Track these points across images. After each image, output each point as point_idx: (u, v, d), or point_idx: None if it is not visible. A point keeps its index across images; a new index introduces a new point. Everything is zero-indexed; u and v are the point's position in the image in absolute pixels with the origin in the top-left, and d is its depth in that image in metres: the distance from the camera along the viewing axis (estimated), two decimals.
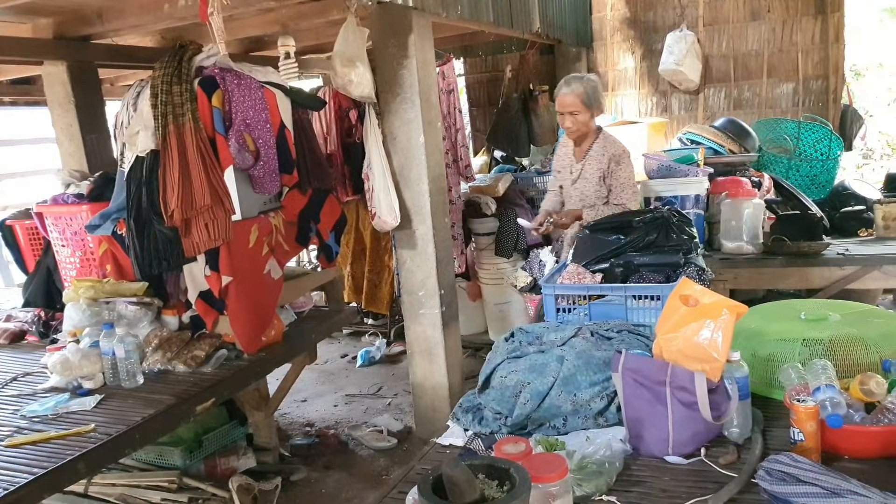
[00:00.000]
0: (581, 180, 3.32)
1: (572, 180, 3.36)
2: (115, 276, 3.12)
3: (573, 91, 3.17)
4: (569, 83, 3.20)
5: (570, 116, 3.19)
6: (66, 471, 2.12)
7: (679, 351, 1.74)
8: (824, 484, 1.33)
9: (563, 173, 3.45)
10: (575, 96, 3.16)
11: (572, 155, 3.38)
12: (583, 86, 3.17)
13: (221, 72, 2.81)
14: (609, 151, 3.26)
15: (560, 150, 3.49)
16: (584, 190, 3.32)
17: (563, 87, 3.21)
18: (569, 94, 3.18)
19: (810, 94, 5.65)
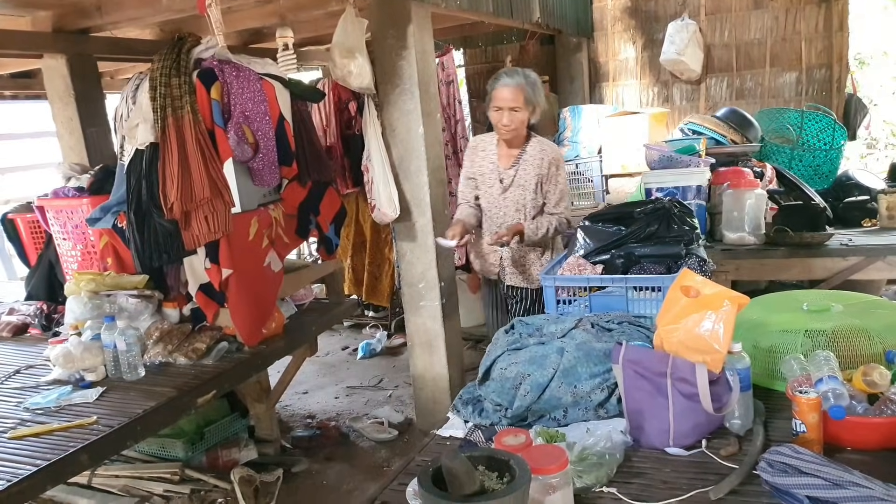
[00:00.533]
0: (515, 188, 2.94)
1: (502, 188, 2.96)
2: (116, 269, 3.12)
3: (516, 84, 2.82)
4: (510, 75, 2.86)
5: (510, 113, 2.82)
6: (69, 462, 2.13)
7: (680, 342, 1.73)
8: (826, 475, 1.33)
9: (484, 180, 3.01)
10: (518, 90, 2.81)
11: (496, 159, 2.98)
12: (525, 80, 2.84)
13: (220, 64, 2.80)
14: (549, 154, 2.93)
15: (474, 154, 3.05)
16: (521, 199, 2.95)
17: (503, 79, 2.85)
18: (511, 87, 2.81)
19: (814, 84, 5.62)
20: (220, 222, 2.72)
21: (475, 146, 3.06)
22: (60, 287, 3.39)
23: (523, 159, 2.92)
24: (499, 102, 2.83)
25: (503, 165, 2.96)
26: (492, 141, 3.00)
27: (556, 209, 2.97)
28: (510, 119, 2.82)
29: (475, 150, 3.04)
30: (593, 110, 5.27)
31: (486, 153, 3.01)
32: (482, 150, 3.02)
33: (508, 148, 2.95)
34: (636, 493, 1.51)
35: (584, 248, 2.68)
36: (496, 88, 2.84)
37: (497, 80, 2.86)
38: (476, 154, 3.04)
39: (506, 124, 2.84)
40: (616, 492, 1.52)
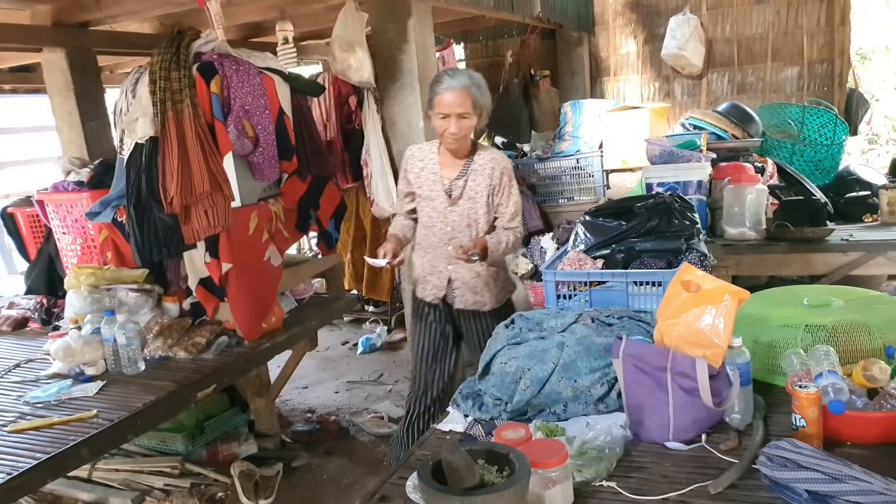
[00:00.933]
0: (465, 200, 2.63)
1: (451, 200, 2.64)
2: (116, 263, 3.12)
3: (462, 87, 2.47)
4: (455, 76, 2.50)
5: (458, 120, 2.48)
6: (69, 456, 2.14)
7: (680, 337, 1.73)
8: (826, 469, 1.33)
9: (426, 193, 2.67)
10: (464, 94, 2.46)
11: (438, 170, 2.66)
12: (471, 81, 2.50)
13: (220, 58, 2.79)
14: (500, 164, 2.64)
15: (413, 163, 2.71)
16: (471, 212, 2.64)
17: (446, 81, 2.49)
18: (457, 90, 2.46)
19: (815, 78, 5.60)
20: (220, 216, 2.72)
21: (412, 156, 2.71)
22: (60, 281, 3.38)
23: (472, 169, 2.62)
24: (444, 108, 2.48)
25: (448, 176, 2.63)
26: (432, 150, 2.68)
27: (512, 224, 2.67)
28: (458, 127, 2.49)
29: (412, 160, 2.70)
30: (594, 105, 5.25)
31: (425, 163, 2.67)
32: (420, 159, 2.69)
33: (454, 157, 2.64)
34: (636, 488, 1.51)
35: (585, 243, 2.68)
36: (440, 93, 2.48)
37: (439, 83, 2.51)
38: (413, 164, 2.70)
39: (454, 133, 2.49)
40: (616, 486, 1.52)
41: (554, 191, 5.16)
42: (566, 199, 5.10)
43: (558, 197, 5.14)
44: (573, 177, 5.09)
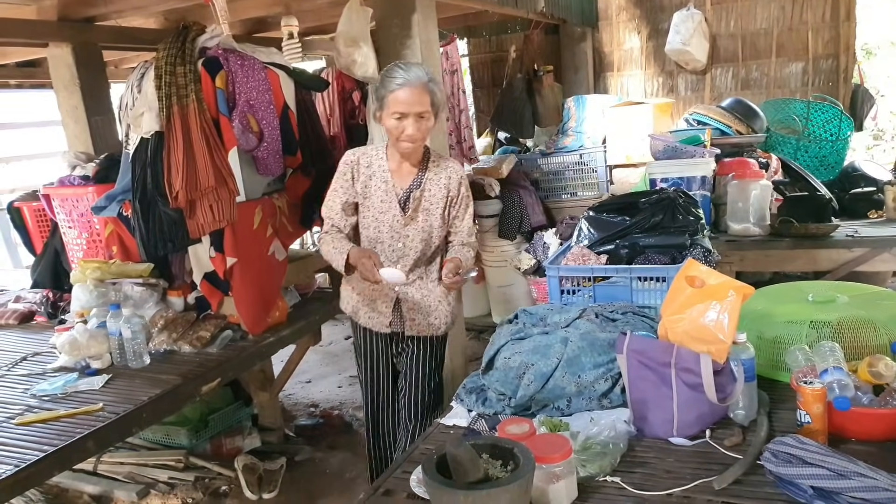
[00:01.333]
0: (423, 213, 2.31)
1: (406, 214, 2.30)
2: (121, 257, 3.13)
3: (422, 83, 2.14)
4: (410, 70, 2.16)
5: (416, 121, 2.16)
6: (75, 448, 2.16)
7: (685, 332, 1.73)
8: (831, 466, 1.33)
9: (374, 205, 2.32)
10: (423, 90, 2.14)
11: (389, 178, 2.31)
12: (430, 77, 2.18)
13: (225, 52, 2.79)
14: (458, 173, 2.36)
15: (354, 171, 2.33)
16: (428, 226, 2.32)
17: (399, 75, 2.14)
18: (415, 87, 2.13)
19: (820, 74, 5.57)
20: (225, 211, 2.73)
21: (356, 162, 2.32)
22: (66, 275, 3.40)
23: (428, 178, 2.31)
24: (400, 107, 2.13)
25: (402, 186, 2.31)
26: (379, 155, 2.33)
27: (471, 239, 2.42)
28: (417, 128, 2.16)
29: (357, 166, 2.32)
30: (598, 100, 5.24)
31: (372, 171, 2.31)
32: (367, 166, 2.32)
33: (406, 164, 2.31)
34: (640, 483, 1.52)
35: (589, 239, 2.68)
36: (394, 89, 2.13)
37: (392, 78, 2.15)
38: (358, 172, 2.32)
39: (411, 135, 2.16)
40: (619, 481, 1.52)
41: (557, 186, 5.16)
42: (569, 195, 5.10)
43: (561, 192, 5.14)
44: (576, 172, 5.09)
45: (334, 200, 2.35)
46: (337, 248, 2.28)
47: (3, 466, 1.98)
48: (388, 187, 2.30)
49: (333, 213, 2.36)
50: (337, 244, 2.29)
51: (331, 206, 2.36)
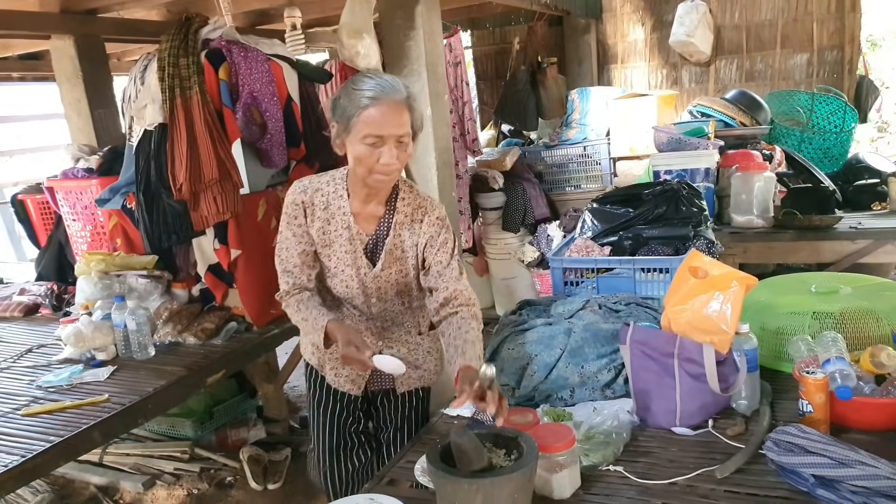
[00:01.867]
0: (394, 262, 1.83)
1: (373, 265, 1.82)
2: (126, 249, 3.14)
3: (402, 98, 1.66)
4: (383, 81, 1.66)
5: (396, 146, 1.66)
6: (81, 439, 2.17)
7: (688, 323, 1.74)
8: (833, 454, 1.33)
9: (336, 253, 1.82)
10: (404, 107, 1.66)
11: (351, 221, 1.79)
12: (409, 91, 1.69)
13: (228, 44, 2.79)
14: (435, 210, 1.84)
15: (308, 210, 1.80)
16: (402, 276, 1.85)
17: (375, 89, 1.63)
18: (396, 103, 1.64)
19: (825, 65, 5.55)
20: (229, 203, 2.73)
21: (307, 203, 1.79)
22: (70, 267, 3.41)
23: (398, 222, 1.81)
24: (375, 128, 1.63)
25: (366, 229, 1.80)
26: (337, 190, 1.79)
27: (460, 286, 1.83)
28: (395, 156, 1.66)
29: (309, 207, 1.79)
30: (602, 92, 5.23)
31: (331, 212, 1.79)
32: (323, 207, 1.79)
33: (371, 201, 1.79)
34: (643, 472, 1.52)
35: (592, 230, 2.68)
36: (365, 106, 1.62)
37: (361, 92, 1.64)
38: (313, 214, 1.79)
39: (388, 164, 1.66)
40: (622, 470, 1.53)
41: (561, 178, 5.16)
42: (573, 187, 5.10)
43: (565, 185, 5.14)
44: (580, 164, 5.09)
45: (289, 252, 1.80)
46: (309, 320, 1.77)
47: (10, 457, 2.00)
48: (352, 234, 1.79)
49: (291, 266, 1.81)
50: (306, 313, 1.78)
51: (285, 259, 1.81)
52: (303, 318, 1.80)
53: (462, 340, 1.71)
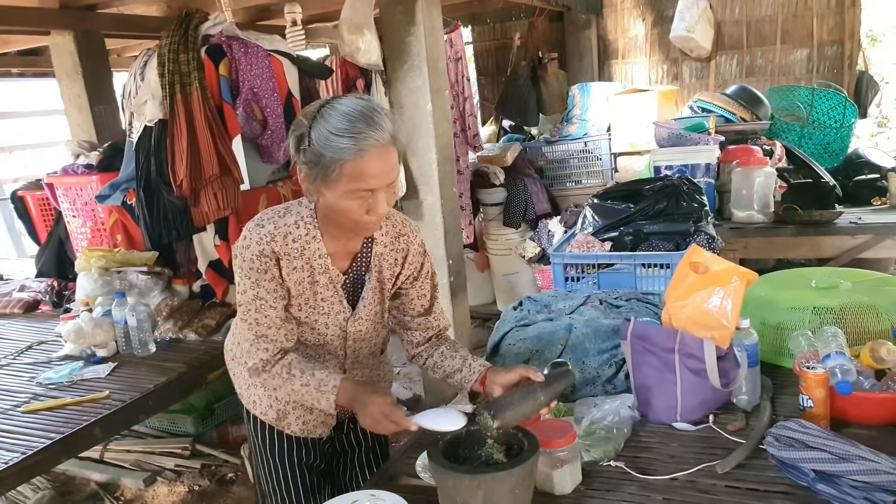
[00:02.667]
0: (371, 303, 1.64)
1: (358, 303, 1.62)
2: (126, 245, 3.14)
3: (390, 137, 1.40)
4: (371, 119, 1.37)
5: (386, 192, 1.44)
6: (82, 435, 2.17)
7: (688, 318, 1.74)
8: (833, 449, 1.34)
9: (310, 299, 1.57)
10: (391, 147, 1.41)
11: (329, 262, 1.54)
12: (392, 122, 1.41)
13: (228, 40, 2.79)
14: (414, 239, 1.66)
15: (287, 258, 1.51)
16: (377, 316, 1.68)
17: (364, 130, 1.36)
18: (384, 146, 1.39)
19: (825, 61, 5.54)
20: (230, 199, 2.73)
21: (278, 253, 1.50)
22: (70, 264, 3.41)
23: (377, 253, 1.61)
24: (366, 182, 1.39)
25: (342, 267, 1.58)
26: (311, 235, 1.52)
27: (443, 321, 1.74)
28: (389, 200, 1.46)
29: (283, 256, 1.50)
30: (602, 88, 5.23)
31: (306, 255, 1.52)
32: (297, 255, 1.51)
33: (346, 239, 1.56)
34: (643, 467, 1.52)
35: (593, 226, 2.68)
36: (354, 157, 1.36)
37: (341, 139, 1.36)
38: (290, 261, 1.51)
39: (383, 213, 1.46)
40: (624, 465, 1.53)
41: (562, 174, 5.16)
42: (574, 183, 5.10)
43: (566, 180, 5.14)
44: (581, 160, 5.09)
45: (265, 314, 1.51)
46: (310, 384, 1.51)
47: (11, 454, 2.00)
48: (332, 277, 1.56)
49: (269, 331, 1.52)
50: (304, 378, 1.52)
51: (261, 323, 1.51)
52: (302, 383, 1.51)
53: (461, 358, 1.65)
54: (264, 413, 1.71)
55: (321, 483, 1.81)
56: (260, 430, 1.74)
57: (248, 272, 1.49)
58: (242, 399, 1.77)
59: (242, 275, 1.50)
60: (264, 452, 1.76)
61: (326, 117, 1.39)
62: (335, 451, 1.85)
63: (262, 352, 1.53)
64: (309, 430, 1.72)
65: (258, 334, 1.52)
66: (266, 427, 1.72)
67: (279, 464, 1.74)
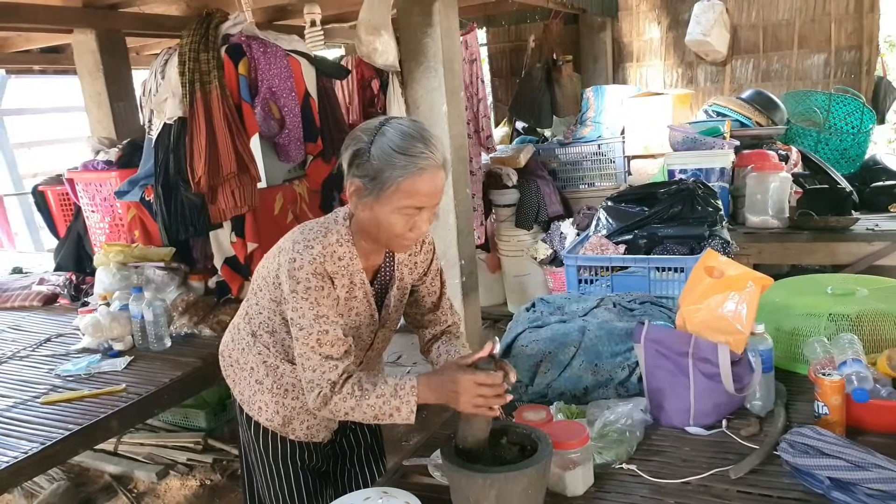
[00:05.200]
0: (394, 310, 1.71)
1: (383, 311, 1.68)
2: (143, 241, 3.18)
3: (442, 160, 1.46)
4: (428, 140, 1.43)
5: (430, 212, 1.48)
6: (99, 427, 2.20)
7: (703, 322, 1.74)
8: (848, 457, 1.33)
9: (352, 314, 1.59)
10: (443, 172, 1.47)
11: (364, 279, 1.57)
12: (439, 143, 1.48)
13: (248, 40, 2.82)
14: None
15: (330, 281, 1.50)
16: (395, 323, 1.76)
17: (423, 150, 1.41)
18: (438, 166, 1.44)
19: (842, 66, 5.51)
20: (247, 197, 2.76)
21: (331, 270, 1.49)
22: (88, 258, 3.46)
23: (399, 261, 1.66)
24: (420, 200, 1.43)
25: (368, 276, 1.60)
26: (349, 251, 1.52)
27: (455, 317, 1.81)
28: (427, 219, 1.49)
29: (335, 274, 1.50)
30: (617, 91, 5.22)
31: (345, 271, 1.53)
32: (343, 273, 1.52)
33: (375, 252, 1.60)
34: (656, 471, 1.53)
35: (607, 228, 2.68)
36: (413, 175, 1.40)
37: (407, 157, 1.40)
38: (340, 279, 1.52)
39: (423, 231, 1.50)
40: (636, 469, 1.53)
41: (575, 176, 5.15)
42: (587, 185, 5.10)
43: (579, 182, 5.14)
44: (594, 162, 5.08)
45: (329, 334, 1.46)
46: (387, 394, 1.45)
47: (30, 444, 2.04)
48: (366, 291, 1.59)
49: (336, 349, 1.47)
50: (379, 389, 1.46)
51: (327, 343, 1.46)
52: (377, 395, 1.45)
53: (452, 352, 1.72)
54: (270, 419, 1.68)
55: (323, 485, 1.81)
56: (262, 436, 1.71)
57: (304, 293, 1.46)
58: (245, 406, 1.72)
59: (299, 298, 1.46)
60: (266, 458, 1.73)
61: (388, 134, 1.42)
62: (335, 452, 1.85)
63: (329, 372, 1.46)
64: (312, 434, 1.72)
65: (324, 355, 1.46)
66: (269, 433, 1.71)
67: (282, 468, 1.73)
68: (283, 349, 1.63)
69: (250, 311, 1.67)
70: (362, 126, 1.49)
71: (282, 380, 1.65)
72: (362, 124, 1.50)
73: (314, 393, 1.46)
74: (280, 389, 1.66)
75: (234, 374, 1.75)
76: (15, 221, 5.86)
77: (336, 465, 1.87)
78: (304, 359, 1.47)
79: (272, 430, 1.69)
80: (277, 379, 1.66)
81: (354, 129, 1.50)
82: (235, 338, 1.75)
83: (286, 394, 1.65)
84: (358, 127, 1.51)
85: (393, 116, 1.48)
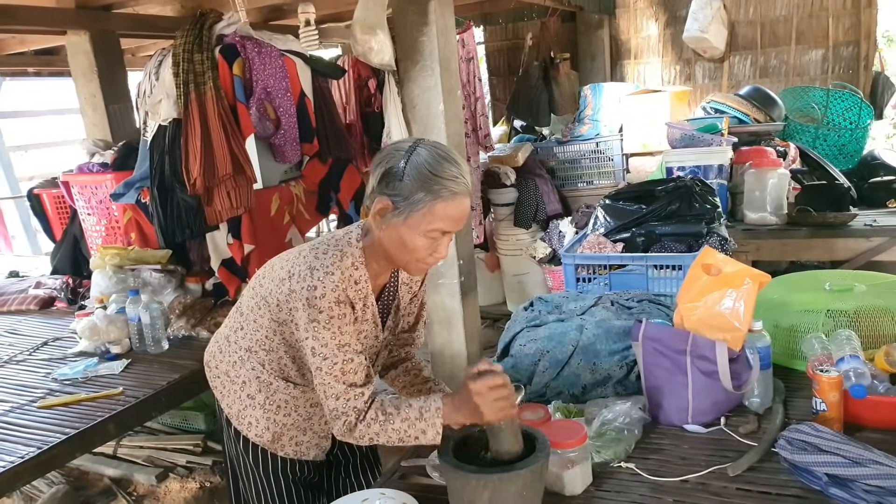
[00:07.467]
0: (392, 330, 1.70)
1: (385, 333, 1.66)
2: (140, 243, 3.17)
3: (471, 186, 1.44)
4: (460, 165, 1.40)
5: (451, 237, 1.48)
6: (97, 431, 2.20)
7: (700, 320, 1.73)
8: (846, 453, 1.33)
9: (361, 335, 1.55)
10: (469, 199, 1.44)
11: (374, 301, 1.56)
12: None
13: (242, 40, 2.81)
14: None
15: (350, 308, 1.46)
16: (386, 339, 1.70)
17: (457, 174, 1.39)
18: (468, 197, 1.43)
19: (840, 61, 5.50)
20: (243, 198, 2.75)
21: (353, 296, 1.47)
22: (85, 261, 3.45)
23: (401, 279, 1.66)
24: (449, 224, 1.42)
25: (374, 295, 1.57)
26: (363, 276, 1.49)
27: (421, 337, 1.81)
28: (448, 245, 1.48)
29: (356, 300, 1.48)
30: (614, 88, 5.22)
31: (365, 293, 1.51)
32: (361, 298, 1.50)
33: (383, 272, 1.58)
34: (654, 469, 1.52)
35: (605, 226, 2.68)
36: (446, 199, 1.38)
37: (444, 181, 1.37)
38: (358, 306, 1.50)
39: (443, 257, 1.49)
40: (634, 467, 1.53)
41: (573, 174, 5.15)
42: (585, 183, 5.09)
43: (577, 181, 5.13)
44: (592, 160, 5.07)
45: (352, 360, 1.44)
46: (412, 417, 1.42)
47: (27, 448, 2.03)
48: (374, 312, 1.57)
49: (359, 376, 1.45)
50: (406, 411, 1.42)
51: (351, 371, 1.44)
52: (402, 419, 1.41)
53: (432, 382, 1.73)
54: (259, 435, 1.64)
55: (315, 497, 1.77)
56: (252, 450, 1.67)
57: (327, 323, 1.41)
58: (233, 420, 1.66)
59: (321, 328, 1.41)
60: (255, 472, 1.69)
61: (424, 156, 1.38)
62: (329, 462, 1.81)
63: (354, 400, 1.43)
64: (302, 451, 1.68)
65: (348, 383, 1.43)
66: (259, 448, 1.66)
67: (273, 482, 1.69)
68: (279, 367, 1.60)
69: (246, 327, 1.60)
70: (395, 144, 1.45)
71: (275, 396, 1.61)
72: (394, 143, 1.48)
73: (340, 422, 1.44)
74: (272, 405, 1.62)
75: (223, 387, 1.69)
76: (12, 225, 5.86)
77: (330, 474, 1.83)
78: (326, 387, 1.44)
79: (261, 445, 1.65)
80: (270, 395, 1.61)
81: (387, 146, 1.47)
82: (224, 349, 1.69)
83: (278, 410, 1.61)
84: (391, 145, 1.48)
85: (424, 139, 1.44)
